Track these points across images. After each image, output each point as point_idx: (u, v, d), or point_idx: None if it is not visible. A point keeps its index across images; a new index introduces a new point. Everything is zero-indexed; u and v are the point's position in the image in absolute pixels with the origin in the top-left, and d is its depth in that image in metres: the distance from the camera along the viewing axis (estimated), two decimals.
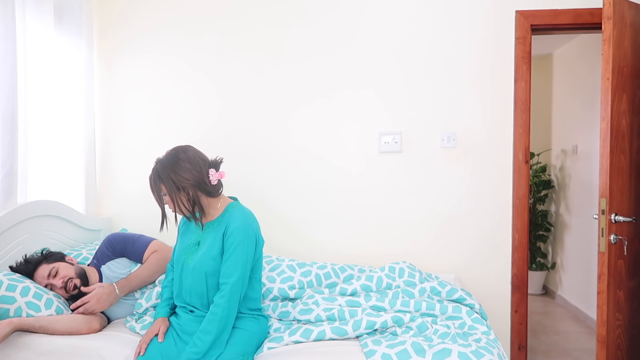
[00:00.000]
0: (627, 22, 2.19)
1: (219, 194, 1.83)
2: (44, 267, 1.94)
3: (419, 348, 1.61)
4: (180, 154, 1.75)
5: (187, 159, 1.74)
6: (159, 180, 1.74)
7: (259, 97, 2.79)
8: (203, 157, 1.80)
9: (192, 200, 1.74)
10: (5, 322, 1.63)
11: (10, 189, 2.11)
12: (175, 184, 1.71)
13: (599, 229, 2.15)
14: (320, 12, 2.75)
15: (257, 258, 1.83)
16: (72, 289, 1.93)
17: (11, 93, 2.10)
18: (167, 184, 1.72)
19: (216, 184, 1.79)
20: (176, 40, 2.81)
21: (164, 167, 1.73)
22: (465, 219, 2.71)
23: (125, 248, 2.12)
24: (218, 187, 1.81)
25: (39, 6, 2.39)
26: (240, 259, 1.70)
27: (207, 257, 1.75)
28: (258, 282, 1.88)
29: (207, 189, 1.76)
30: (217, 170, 1.80)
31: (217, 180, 1.78)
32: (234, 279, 1.69)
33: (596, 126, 3.69)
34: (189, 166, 1.72)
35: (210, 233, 1.79)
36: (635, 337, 2.32)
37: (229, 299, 1.67)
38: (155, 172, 1.75)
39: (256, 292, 1.87)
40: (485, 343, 1.69)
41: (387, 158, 2.74)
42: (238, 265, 1.70)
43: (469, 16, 2.68)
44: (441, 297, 2.08)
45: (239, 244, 1.71)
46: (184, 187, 1.72)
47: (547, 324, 3.82)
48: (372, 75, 2.73)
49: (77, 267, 2.00)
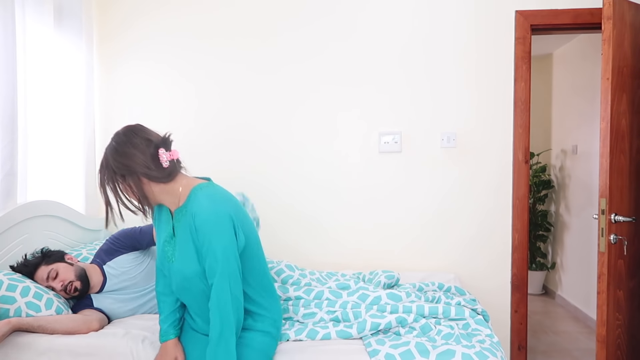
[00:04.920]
0: (627, 22, 2.19)
1: (172, 178, 1.54)
2: (42, 269, 1.92)
3: (422, 349, 1.61)
4: (121, 137, 1.51)
5: (128, 142, 1.49)
6: (102, 169, 1.53)
7: (259, 97, 2.80)
8: (148, 136, 1.52)
9: (136, 192, 1.50)
10: (3, 322, 1.63)
11: (10, 189, 2.11)
12: (116, 174, 1.49)
13: (599, 229, 2.15)
14: (321, 12, 2.75)
15: (247, 244, 1.56)
16: (73, 291, 1.92)
17: (11, 93, 2.10)
18: (108, 174, 1.51)
19: (168, 166, 1.51)
20: (176, 41, 2.81)
21: (106, 155, 1.52)
22: (465, 218, 2.71)
23: (135, 239, 2.14)
24: (172, 170, 1.53)
25: (39, 7, 2.39)
26: (218, 255, 1.46)
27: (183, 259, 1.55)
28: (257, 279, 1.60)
29: (154, 174, 1.49)
30: (168, 149, 1.53)
31: (168, 162, 1.51)
32: (216, 281, 1.47)
33: (596, 126, 3.69)
34: (130, 150, 1.48)
35: (181, 222, 1.55)
36: (635, 337, 2.32)
37: (217, 304, 1.47)
38: (101, 163, 1.54)
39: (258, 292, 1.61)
40: (489, 345, 1.68)
41: (387, 158, 2.74)
42: (217, 261, 1.47)
43: (468, 16, 2.68)
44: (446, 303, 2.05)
45: (212, 236, 1.47)
46: (124, 177, 1.49)
47: (547, 324, 3.82)
48: (372, 75, 2.73)
49: (77, 268, 1.98)
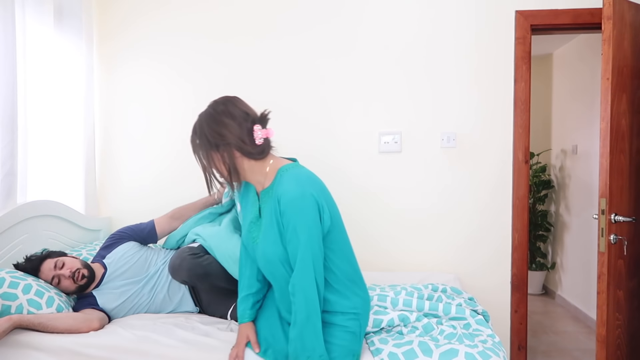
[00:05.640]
0: (627, 22, 2.19)
1: (264, 155, 1.52)
2: (49, 262, 1.98)
3: (426, 348, 1.61)
4: (219, 106, 1.49)
5: (226, 112, 1.47)
6: (195, 136, 1.52)
7: (258, 97, 2.79)
8: (247, 109, 1.51)
9: (228, 164, 1.48)
10: (4, 318, 1.64)
11: (10, 189, 2.11)
12: (209, 142, 1.47)
13: (599, 229, 2.15)
14: (322, 13, 2.74)
15: (330, 228, 1.51)
16: (80, 278, 1.96)
17: (11, 93, 2.10)
18: (202, 142, 1.49)
19: (262, 143, 1.49)
20: (176, 41, 2.81)
21: (202, 120, 1.50)
22: (464, 218, 2.71)
23: (134, 231, 2.23)
24: (264, 148, 1.50)
25: (39, 7, 2.39)
26: (302, 238, 1.43)
27: (268, 240, 1.51)
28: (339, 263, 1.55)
29: (247, 149, 1.47)
30: (264, 126, 1.50)
31: (262, 139, 1.48)
32: (298, 264, 1.44)
33: (596, 126, 3.69)
34: (227, 120, 1.46)
35: (267, 204, 1.52)
36: (635, 337, 2.32)
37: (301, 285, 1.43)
38: (194, 128, 1.52)
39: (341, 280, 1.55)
40: (492, 345, 1.68)
41: (387, 158, 2.74)
42: (301, 244, 1.43)
43: (468, 16, 2.68)
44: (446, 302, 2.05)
45: (297, 220, 1.43)
46: (217, 146, 1.47)
47: (547, 324, 3.83)
48: (372, 75, 2.73)
49: (82, 261, 2.05)
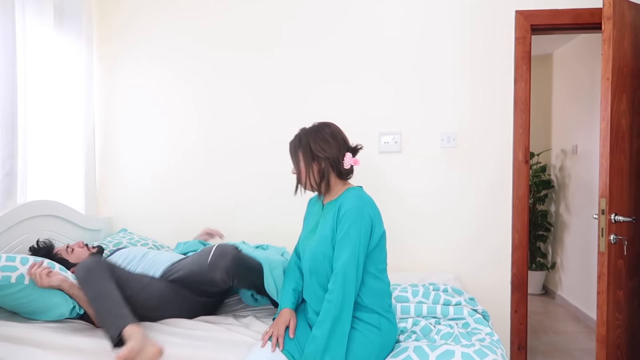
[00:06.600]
0: (627, 22, 2.19)
1: (348, 178, 1.82)
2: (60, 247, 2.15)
3: (421, 352, 1.60)
4: (325, 128, 1.78)
5: (331, 133, 1.76)
6: (298, 145, 1.77)
7: (258, 96, 2.80)
8: (345, 137, 1.80)
9: (322, 174, 1.75)
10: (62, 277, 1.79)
11: (10, 189, 2.12)
12: (312, 152, 1.74)
13: (599, 229, 2.15)
14: (321, 16, 2.75)
15: (374, 247, 1.69)
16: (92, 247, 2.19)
17: (11, 93, 2.10)
18: (304, 151, 1.75)
19: (348, 168, 1.78)
20: (177, 44, 2.81)
21: (307, 133, 1.77)
22: (464, 218, 2.71)
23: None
24: (349, 172, 1.80)
25: (39, 7, 2.39)
26: (351, 241, 1.61)
27: (320, 238, 1.71)
28: (377, 279, 1.70)
29: (339, 168, 1.76)
30: (354, 156, 1.79)
31: (350, 165, 1.77)
32: (343, 260, 1.60)
33: (596, 126, 3.69)
34: (330, 140, 1.74)
35: (329, 213, 1.74)
36: (635, 337, 2.32)
37: (342, 282, 1.58)
38: (297, 138, 1.79)
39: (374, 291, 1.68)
40: (489, 343, 1.68)
41: (387, 158, 2.74)
42: (349, 245, 1.61)
43: (468, 16, 2.68)
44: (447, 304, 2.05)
45: (351, 224, 1.62)
46: (318, 158, 1.74)
47: (547, 324, 3.82)
48: (372, 75, 2.73)
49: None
